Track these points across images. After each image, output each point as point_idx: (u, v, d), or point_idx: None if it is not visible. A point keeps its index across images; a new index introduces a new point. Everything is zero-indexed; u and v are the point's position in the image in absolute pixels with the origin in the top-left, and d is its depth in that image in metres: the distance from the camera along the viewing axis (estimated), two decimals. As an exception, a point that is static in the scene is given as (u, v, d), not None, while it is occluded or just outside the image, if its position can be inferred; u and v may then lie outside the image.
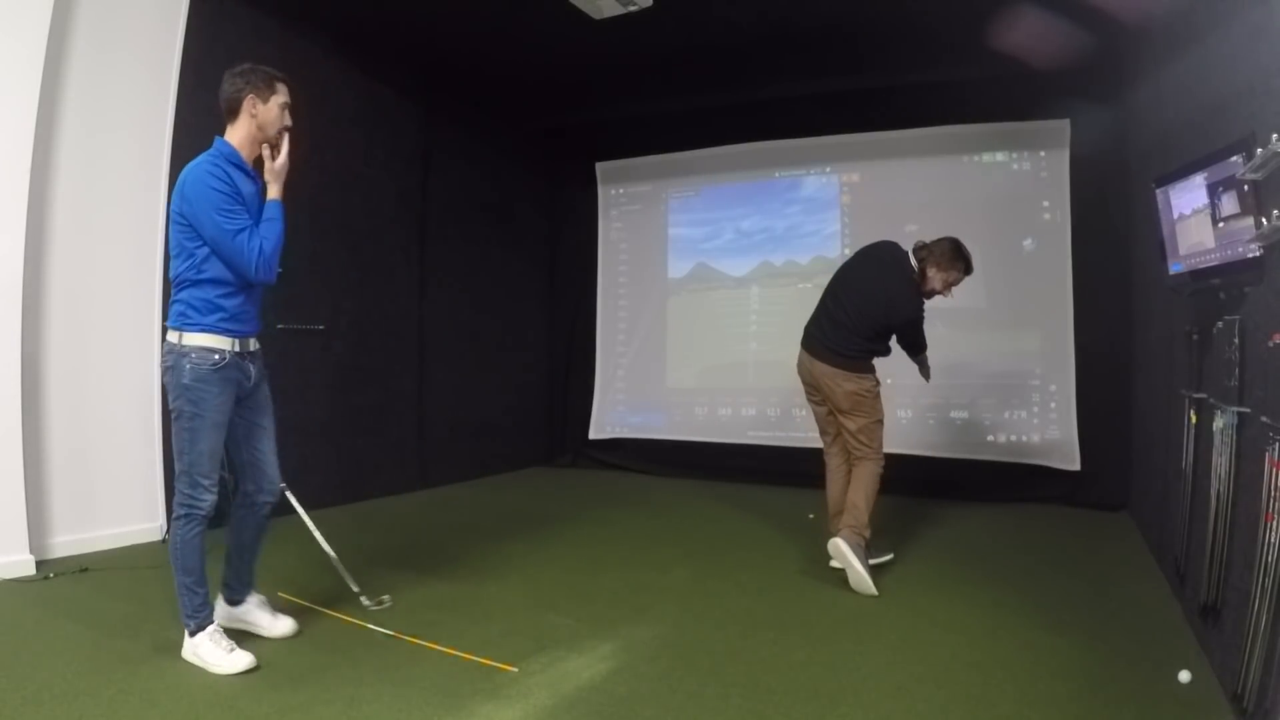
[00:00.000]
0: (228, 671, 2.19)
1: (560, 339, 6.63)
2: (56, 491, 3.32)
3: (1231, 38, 2.24)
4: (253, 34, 4.08)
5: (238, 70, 2.36)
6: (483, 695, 2.09)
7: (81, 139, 3.42)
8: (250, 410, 2.41)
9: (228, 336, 2.28)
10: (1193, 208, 2.31)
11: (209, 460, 2.28)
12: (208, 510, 2.28)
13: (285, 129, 2.37)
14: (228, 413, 2.31)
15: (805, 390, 3.49)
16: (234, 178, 2.28)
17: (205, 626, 2.28)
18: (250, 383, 2.37)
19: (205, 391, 2.23)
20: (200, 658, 2.24)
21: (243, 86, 2.33)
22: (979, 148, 5.13)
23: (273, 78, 2.36)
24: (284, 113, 2.37)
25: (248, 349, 2.36)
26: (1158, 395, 3.54)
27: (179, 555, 2.28)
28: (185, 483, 2.27)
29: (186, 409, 2.24)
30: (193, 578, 2.28)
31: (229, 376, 2.28)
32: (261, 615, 2.52)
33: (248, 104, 2.33)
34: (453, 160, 5.56)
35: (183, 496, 2.28)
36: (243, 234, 2.23)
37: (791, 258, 5.74)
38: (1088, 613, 2.78)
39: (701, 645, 2.48)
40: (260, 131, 2.34)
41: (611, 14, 4.09)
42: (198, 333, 2.24)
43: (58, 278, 3.36)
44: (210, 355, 2.24)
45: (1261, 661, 1.73)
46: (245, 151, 2.35)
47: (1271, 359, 1.81)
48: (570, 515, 4.54)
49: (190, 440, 2.25)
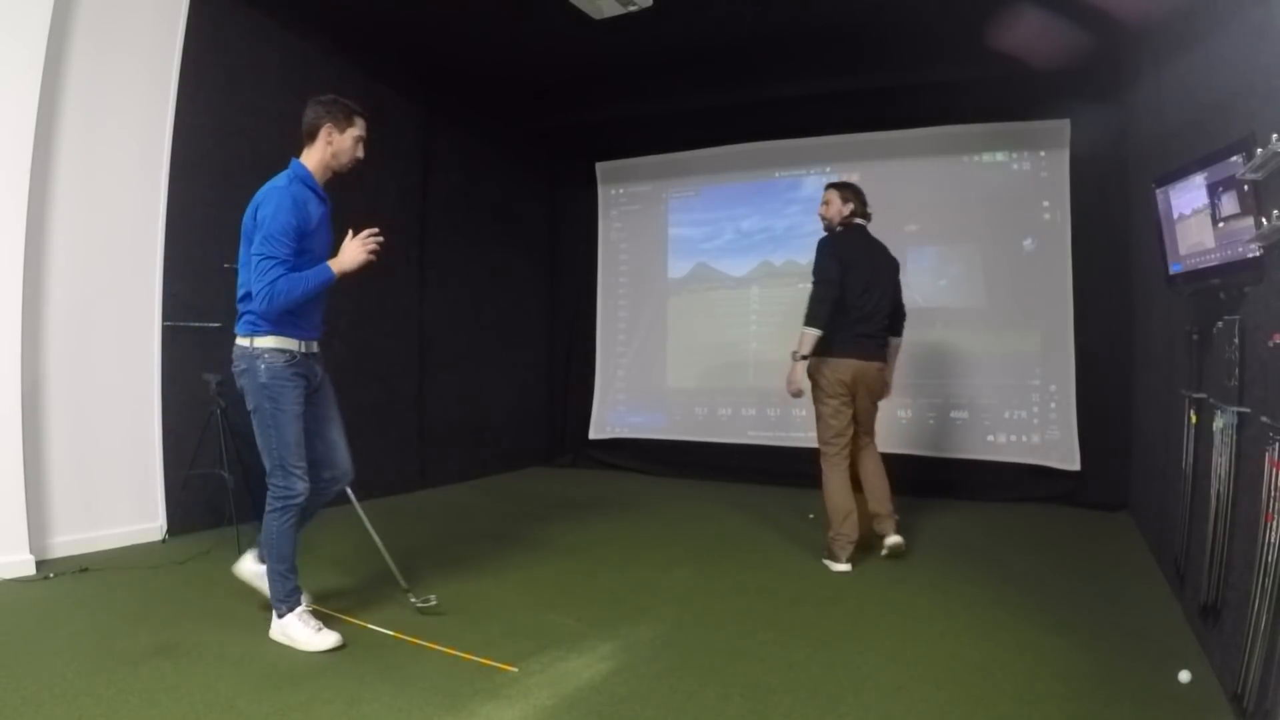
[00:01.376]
0: (316, 649, 2.33)
1: (560, 339, 6.64)
2: (56, 491, 3.32)
3: (1231, 38, 2.24)
4: (253, 34, 4.09)
5: (322, 99, 2.51)
6: (483, 695, 2.09)
7: (82, 139, 3.42)
8: (317, 405, 2.55)
9: (296, 339, 2.44)
10: (1193, 208, 2.31)
11: (295, 449, 2.42)
12: (302, 496, 2.42)
13: (373, 251, 2.44)
14: (303, 405, 2.45)
15: (847, 398, 3.46)
16: (310, 200, 2.43)
17: (294, 609, 2.41)
18: (316, 380, 2.54)
19: (281, 387, 2.39)
20: (289, 636, 2.38)
21: (323, 115, 2.47)
22: (979, 148, 5.13)
23: (352, 111, 2.51)
24: (357, 145, 2.52)
25: (312, 350, 2.53)
26: (1158, 395, 3.54)
27: (275, 544, 2.42)
28: (278, 475, 2.41)
29: (266, 405, 2.39)
30: (285, 565, 2.43)
31: (299, 373, 2.45)
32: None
33: (325, 132, 2.47)
34: (453, 160, 5.56)
35: (276, 489, 2.42)
36: (273, 263, 2.32)
37: (791, 258, 5.74)
38: (1088, 613, 2.78)
39: (701, 645, 2.48)
40: (334, 159, 2.50)
41: (611, 14, 4.09)
42: (268, 336, 2.40)
43: (58, 278, 3.36)
44: (282, 355, 2.41)
45: (1261, 661, 1.73)
46: (318, 175, 2.50)
47: (1271, 359, 1.81)
48: (570, 515, 4.54)
49: (276, 433, 2.40)
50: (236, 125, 4.03)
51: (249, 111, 4.08)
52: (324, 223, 2.50)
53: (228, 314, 3.96)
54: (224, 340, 3.93)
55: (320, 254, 2.47)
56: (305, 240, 2.40)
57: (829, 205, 3.63)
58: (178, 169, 3.77)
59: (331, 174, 2.52)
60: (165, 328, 3.74)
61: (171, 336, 3.76)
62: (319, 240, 2.47)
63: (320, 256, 2.46)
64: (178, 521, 3.73)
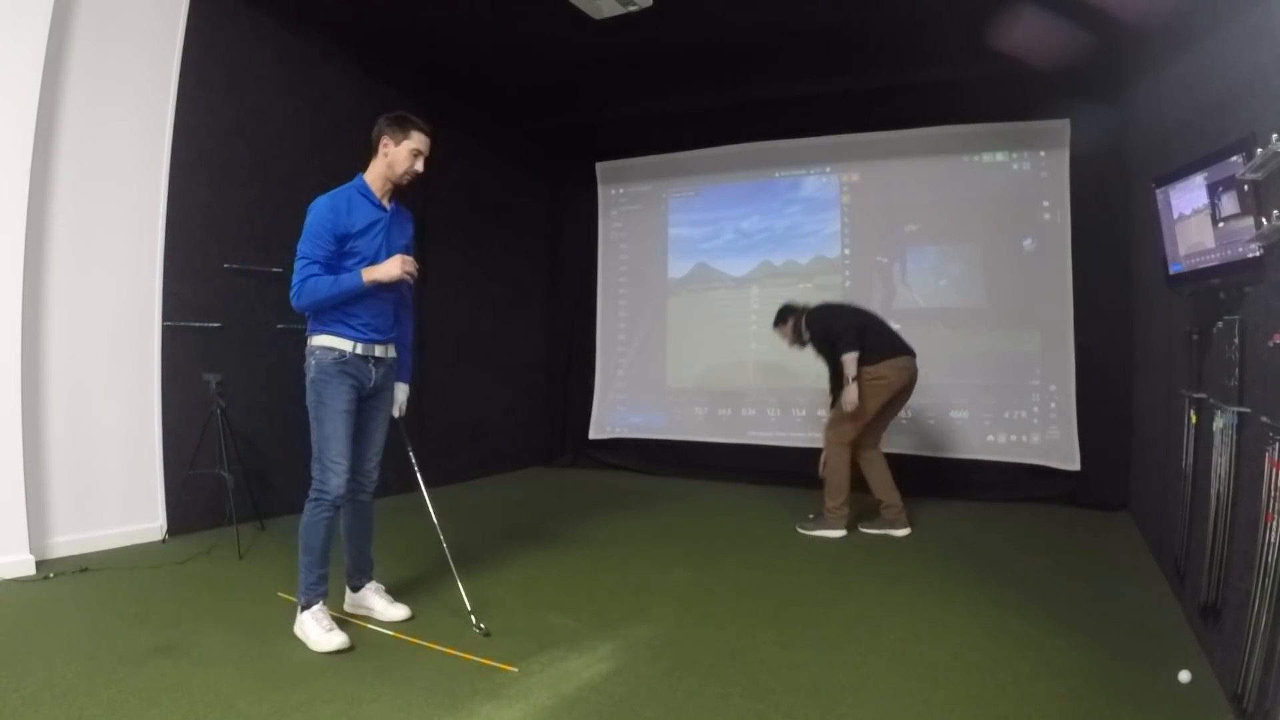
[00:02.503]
0: (321, 649, 2.35)
1: (560, 339, 6.63)
2: (56, 491, 3.32)
3: (1231, 38, 2.24)
4: (253, 34, 4.09)
5: (389, 114, 2.56)
6: (483, 695, 2.09)
7: (82, 139, 3.42)
8: (364, 412, 2.59)
9: (348, 340, 2.49)
10: (1193, 208, 2.31)
11: (335, 445, 2.46)
12: (334, 493, 2.46)
13: (409, 272, 2.51)
14: (351, 404, 2.50)
15: (890, 396, 3.95)
16: (356, 205, 2.49)
17: (312, 605, 2.45)
18: (370, 384, 2.56)
19: (326, 383, 2.46)
20: (304, 633, 2.42)
21: (383, 127, 2.53)
22: (979, 148, 5.13)
23: (409, 124, 2.53)
24: (415, 158, 2.55)
25: (371, 354, 2.54)
26: (1158, 395, 3.54)
27: (303, 533, 2.47)
28: (316, 468, 2.47)
29: (312, 399, 2.48)
30: (310, 557, 2.46)
31: (348, 372, 2.49)
32: (376, 601, 2.69)
33: (382, 143, 2.53)
34: (453, 160, 5.55)
35: (314, 481, 2.48)
36: (305, 261, 2.41)
37: (791, 258, 5.74)
38: (1088, 613, 2.78)
39: (701, 645, 2.48)
40: (390, 169, 2.53)
41: (611, 14, 4.09)
42: (321, 334, 2.48)
43: (58, 278, 3.36)
44: (331, 352, 2.47)
45: (1261, 661, 1.73)
46: (376, 185, 2.55)
47: (1271, 359, 1.81)
48: (570, 515, 4.54)
49: (317, 427, 2.47)
50: (236, 125, 4.03)
51: (249, 111, 4.08)
52: (381, 230, 2.53)
53: (228, 314, 4.00)
54: (224, 340, 3.99)
55: (369, 258, 2.50)
56: (349, 243, 2.46)
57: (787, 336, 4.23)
58: (178, 169, 3.77)
59: (391, 186, 2.56)
60: (165, 328, 3.73)
61: (171, 336, 3.76)
62: (368, 245, 2.50)
63: (368, 260, 2.50)
64: (178, 521, 3.73)
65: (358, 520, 2.69)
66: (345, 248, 2.46)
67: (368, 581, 2.73)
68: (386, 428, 2.70)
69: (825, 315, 4.11)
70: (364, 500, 2.68)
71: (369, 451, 2.65)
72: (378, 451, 2.68)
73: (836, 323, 4.00)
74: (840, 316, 4.07)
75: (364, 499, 2.68)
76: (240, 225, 4.04)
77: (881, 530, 3.99)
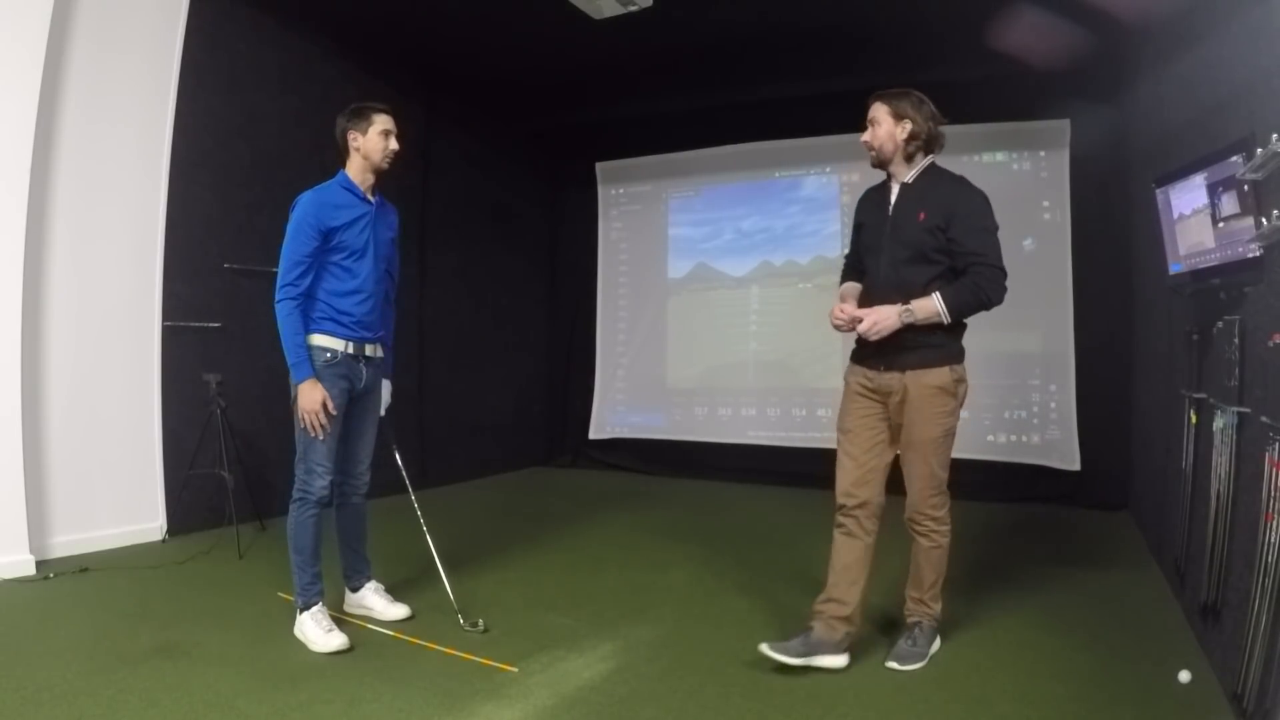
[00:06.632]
0: (321, 650, 2.35)
1: (560, 339, 6.63)
2: (56, 491, 3.32)
3: (1231, 38, 2.25)
4: (253, 34, 4.09)
5: (342, 113, 2.55)
6: (483, 695, 2.09)
7: (82, 139, 3.42)
8: (354, 414, 2.58)
9: (340, 339, 2.48)
10: (1193, 208, 2.31)
11: (321, 447, 2.45)
12: (319, 494, 2.46)
13: (391, 153, 2.53)
14: (340, 407, 2.48)
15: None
16: (341, 200, 2.48)
17: (310, 606, 2.44)
18: (361, 384, 2.56)
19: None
20: (304, 634, 2.41)
21: (344, 124, 2.53)
22: (979, 148, 5.12)
23: (367, 109, 2.53)
24: (386, 138, 2.53)
25: (362, 352, 2.55)
26: (1158, 395, 3.54)
27: (292, 535, 2.45)
28: (301, 468, 2.47)
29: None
30: (302, 557, 2.45)
31: (339, 373, 2.48)
32: (376, 600, 2.68)
33: (350, 139, 2.52)
34: (453, 160, 5.55)
35: (298, 481, 2.47)
36: (288, 276, 2.44)
37: (791, 258, 5.74)
38: (1088, 613, 2.78)
39: (701, 645, 2.48)
40: (367, 159, 2.52)
41: (611, 14, 4.09)
42: (313, 334, 2.47)
43: (58, 278, 3.36)
44: (323, 353, 2.46)
45: (1261, 661, 1.73)
46: (359, 179, 2.54)
47: (1271, 359, 1.81)
48: (570, 515, 4.54)
49: (304, 428, 2.43)
50: (236, 125, 4.03)
51: (249, 111, 4.08)
52: (368, 224, 2.52)
53: (228, 314, 4.00)
54: (224, 340, 3.99)
55: (356, 252, 2.50)
56: (335, 237, 2.45)
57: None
58: (178, 169, 3.77)
59: (374, 175, 2.55)
60: (165, 328, 3.73)
61: (171, 336, 3.76)
62: (355, 239, 2.50)
63: (356, 254, 2.50)
64: (178, 521, 3.73)
65: (351, 523, 2.69)
66: (332, 242, 2.45)
67: (367, 581, 2.73)
68: (376, 428, 2.69)
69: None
70: (356, 503, 2.68)
71: (360, 453, 2.64)
72: (369, 453, 2.67)
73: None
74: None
75: (356, 501, 2.68)
76: (240, 225, 4.04)
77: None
